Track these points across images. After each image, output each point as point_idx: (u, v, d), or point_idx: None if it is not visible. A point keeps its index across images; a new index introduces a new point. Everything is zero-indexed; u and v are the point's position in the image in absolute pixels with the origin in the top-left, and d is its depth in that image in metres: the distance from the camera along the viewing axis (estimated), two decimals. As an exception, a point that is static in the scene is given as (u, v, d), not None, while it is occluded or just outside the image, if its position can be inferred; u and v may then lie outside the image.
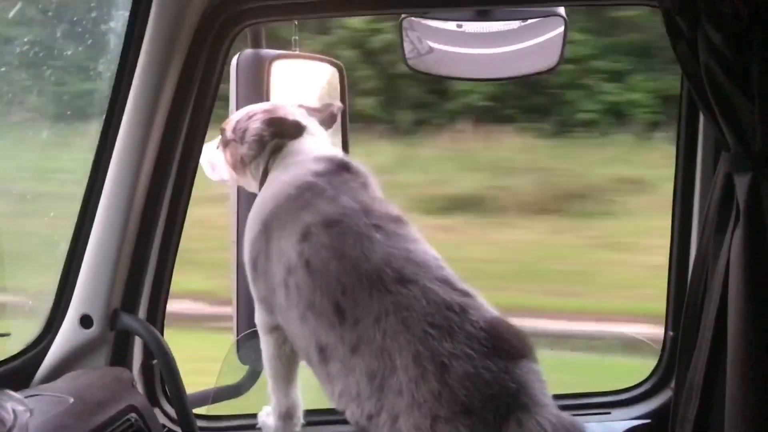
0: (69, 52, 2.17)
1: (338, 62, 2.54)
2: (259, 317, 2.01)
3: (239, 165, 2.10)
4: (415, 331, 1.66)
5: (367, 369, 1.70)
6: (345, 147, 2.44)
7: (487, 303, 1.74)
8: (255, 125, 2.05)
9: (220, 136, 2.17)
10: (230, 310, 2.39)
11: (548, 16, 2.12)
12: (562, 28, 2.09)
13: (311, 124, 2.12)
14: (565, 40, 2.10)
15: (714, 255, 1.81)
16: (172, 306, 2.29)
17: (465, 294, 1.72)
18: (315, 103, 2.48)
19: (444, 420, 1.59)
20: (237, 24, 2.11)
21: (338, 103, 2.29)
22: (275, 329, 1.98)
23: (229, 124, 2.13)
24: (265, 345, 2.03)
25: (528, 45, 2.16)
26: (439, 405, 1.59)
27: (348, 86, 2.54)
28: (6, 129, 2.37)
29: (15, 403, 1.34)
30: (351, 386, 1.73)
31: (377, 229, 1.80)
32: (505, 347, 1.63)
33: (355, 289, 1.73)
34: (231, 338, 2.36)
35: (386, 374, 1.67)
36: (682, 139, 2.22)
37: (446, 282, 1.73)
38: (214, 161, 2.19)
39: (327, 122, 2.18)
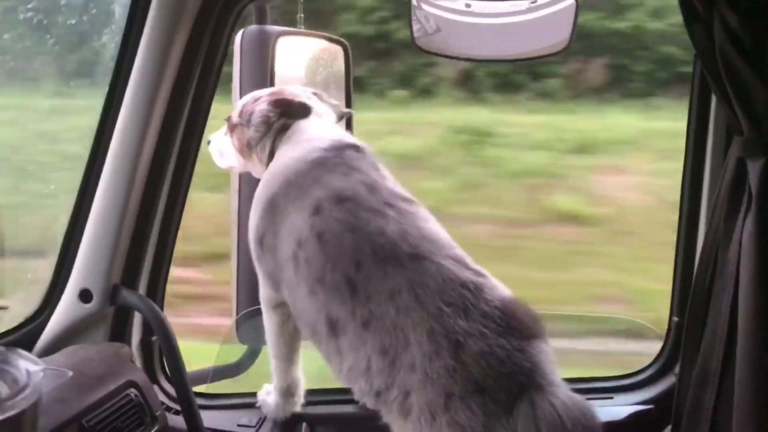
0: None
1: (343, 41, 2.51)
2: (264, 294, 2.00)
3: (246, 149, 2.10)
4: (429, 307, 1.65)
5: (379, 344, 1.69)
6: (349, 129, 2.41)
7: (500, 283, 1.73)
8: (261, 107, 2.06)
9: (226, 124, 2.16)
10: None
11: (559, -4, 2.09)
12: (573, 9, 2.06)
13: (318, 105, 2.12)
14: (576, 20, 2.07)
15: (724, 241, 1.79)
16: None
17: (478, 274, 1.72)
18: (319, 82, 2.47)
19: (458, 397, 1.58)
20: None
21: (350, 110, 2.31)
22: (279, 306, 1.97)
23: (235, 110, 2.13)
24: (269, 322, 2.02)
25: (538, 24, 2.13)
26: (453, 382, 1.59)
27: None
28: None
29: (28, 363, 1.32)
30: (361, 361, 1.71)
31: (389, 207, 1.80)
32: (519, 327, 1.63)
33: (368, 264, 1.72)
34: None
35: (399, 350, 1.66)
36: (693, 122, 2.20)
37: (460, 261, 1.73)
38: (222, 148, 2.19)
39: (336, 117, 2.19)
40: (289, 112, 2.06)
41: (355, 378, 1.75)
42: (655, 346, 2.37)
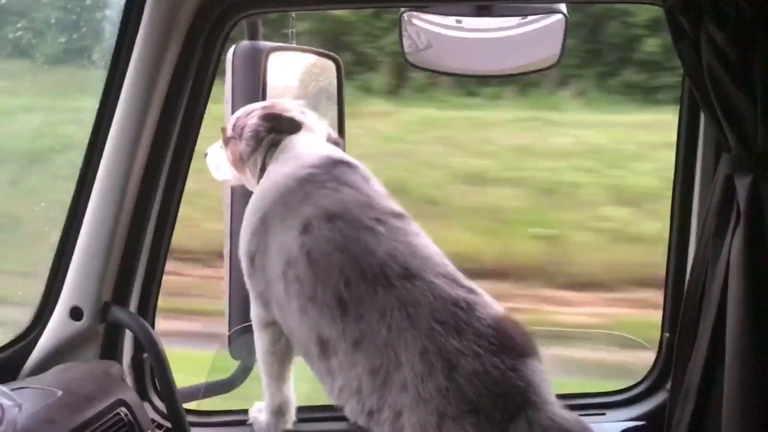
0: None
1: (335, 56, 2.51)
2: (255, 312, 2.00)
3: (239, 162, 2.12)
4: (421, 327, 1.65)
5: (370, 364, 1.68)
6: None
7: (492, 300, 1.73)
8: (252, 121, 2.07)
9: (221, 136, 2.18)
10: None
11: (549, 12, 2.10)
12: (563, 24, 2.07)
13: (309, 120, 2.12)
14: (566, 36, 2.08)
15: (713, 257, 1.79)
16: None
17: (470, 291, 1.72)
18: (311, 98, 2.48)
19: (451, 418, 1.58)
20: (234, 15, 2.08)
21: (340, 140, 2.26)
22: (270, 325, 1.97)
23: (229, 123, 2.14)
24: (260, 341, 2.01)
25: (527, 39, 2.14)
26: (447, 402, 1.58)
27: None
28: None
29: (3, 398, 1.31)
30: (352, 381, 1.71)
31: (380, 223, 1.80)
32: (512, 345, 1.63)
33: (358, 283, 1.72)
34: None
35: (390, 370, 1.66)
36: (682, 139, 2.20)
37: (451, 278, 1.73)
38: (218, 161, 2.21)
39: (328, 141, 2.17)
40: (279, 127, 2.06)
41: (346, 398, 1.75)
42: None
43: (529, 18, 2.14)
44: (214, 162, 2.22)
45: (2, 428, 1.24)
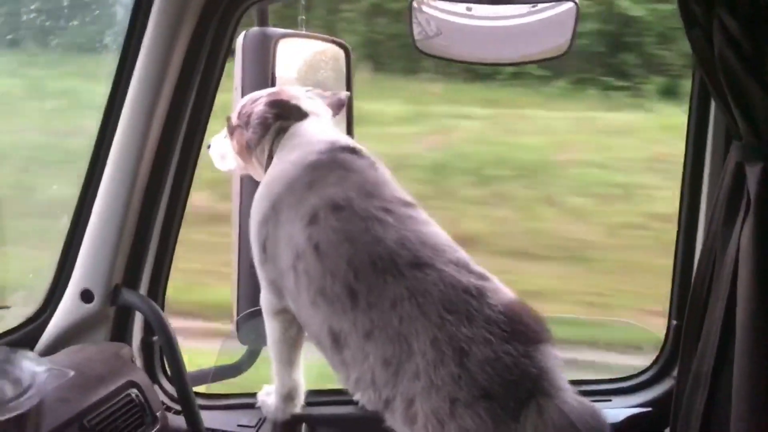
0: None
1: (345, 43, 2.52)
2: (266, 300, 2.00)
3: (245, 151, 2.09)
4: (431, 316, 1.64)
5: (382, 355, 1.68)
6: (350, 131, 2.42)
7: (504, 285, 1.72)
8: (259, 108, 2.04)
9: (226, 126, 2.16)
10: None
11: (560, 0, 2.09)
12: (574, 12, 2.07)
13: (316, 107, 2.10)
14: (577, 24, 2.08)
15: (722, 245, 1.79)
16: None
17: (481, 277, 1.71)
18: (319, 85, 2.47)
19: (463, 404, 1.58)
20: (244, 1, 2.08)
21: (344, 92, 2.26)
22: (281, 312, 1.97)
23: (235, 111, 2.12)
24: (271, 328, 2.02)
25: (538, 27, 2.14)
26: (458, 389, 1.58)
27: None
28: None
29: (32, 363, 1.33)
30: (366, 373, 1.71)
31: (387, 212, 1.78)
32: (524, 331, 1.62)
33: (367, 274, 1.71)
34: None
35: (403, 359, 1.65)
36: (692, 127, 2.20)
37: (462, 265, 1.72)
38: (222, 151, 2.18)
39: (334, 109, 2.16)
40: (286, 114, 2.05)
41: (363, 389, 1.75)
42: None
43: (540, 6, 2.14)
44: (218, 152, 2.19)
45: (32, 392, 1.26)
